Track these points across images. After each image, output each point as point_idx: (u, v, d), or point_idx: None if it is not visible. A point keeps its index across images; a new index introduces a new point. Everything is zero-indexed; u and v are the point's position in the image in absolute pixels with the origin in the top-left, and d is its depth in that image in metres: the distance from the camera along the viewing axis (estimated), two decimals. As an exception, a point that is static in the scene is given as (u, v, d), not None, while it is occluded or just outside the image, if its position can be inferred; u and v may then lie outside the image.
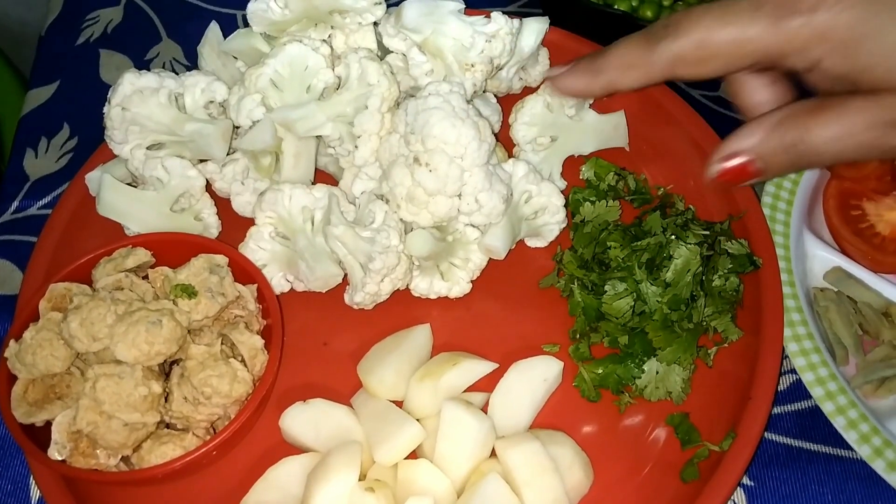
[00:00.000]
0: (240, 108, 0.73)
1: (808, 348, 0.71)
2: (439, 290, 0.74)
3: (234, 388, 0.65)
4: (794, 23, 0.52)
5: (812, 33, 0.52)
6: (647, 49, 0.58)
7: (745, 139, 0.57)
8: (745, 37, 0.54)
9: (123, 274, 0.70)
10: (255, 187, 0.77)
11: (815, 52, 0.52)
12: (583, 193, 0.78)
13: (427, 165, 0.67)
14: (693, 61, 0.56)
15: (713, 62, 0.56)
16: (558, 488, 0.63)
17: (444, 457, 0.65)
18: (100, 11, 1.06)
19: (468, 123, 0.68)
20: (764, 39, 0.53)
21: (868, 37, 0.50)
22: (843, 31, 0.51)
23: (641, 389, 0.69)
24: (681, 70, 0.58)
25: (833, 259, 0.77)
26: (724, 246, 0.72)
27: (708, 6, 0.56)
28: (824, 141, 0.53)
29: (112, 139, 0.76)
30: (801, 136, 0.54)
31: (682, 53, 0.56)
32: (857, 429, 0.67)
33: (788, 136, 0.55)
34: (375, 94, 0.71)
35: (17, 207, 0.90)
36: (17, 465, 0.74)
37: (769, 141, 0.55)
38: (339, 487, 0.62)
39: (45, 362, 0.65)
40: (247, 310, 0.72)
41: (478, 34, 0.73)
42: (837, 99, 0.53)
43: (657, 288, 0.69)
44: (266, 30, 0.77)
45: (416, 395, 0.68)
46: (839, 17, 0.51)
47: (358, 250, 0.70)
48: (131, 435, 0.64)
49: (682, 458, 0.68)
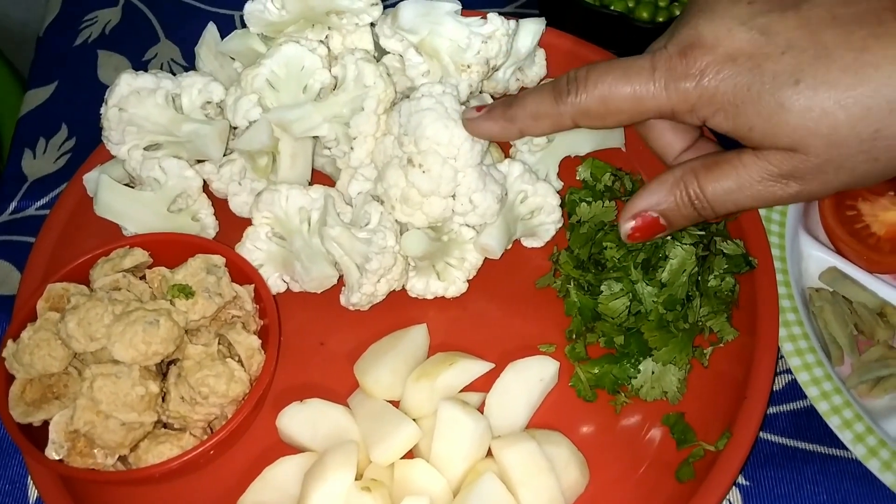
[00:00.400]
0: (236, 109, 0.73)
1: (804, 348, 0.71)
2: (436, 290, 0.75)
3: (231, 388, 0.66)
4: (684, 85, 0.57)
5: (700, 96, 0.56)
6: (555, 102, 0.62)
7: (647, 198, 0.62)
8: (643, 95, 0.58)
9: (121, 274, 0.70)
10: (252, 188, 0.77)
11: (703, 112, 0.57)
12: (579, 194, 0.79)
13: (420, 167, 0.68)
14: (597, 115, 0.61)
15: (615, 116, 0.61)
16: (554, 488, 0.63)
17: (441, 456, 0.65)
18: (98, 12, 1.06)
19: (461, 124, 0.68)
20: (658, 99, 0.58)
21: (747, 102, 0.55)
22: (727, 96, 0.55)
23: (637, 389, 0.69)
24: (586, 122, 0.62)
25: (828, 259, 0.77)
26: (720, 246, 0.72)
27: (609, 64, 0.60)
28: (720, 195, 0.59)
29: (109, 140, 0.76)
30: (697, 192, 0.59)
31: (586, 108, 0.61)
32: (851, 428, 0.67)
33: (687, 193, 0.60)
34: (372, 95, 0.71)
35: (16, 208, 0.90)
36: (14, 465, 0.74)
37: (670, 199, 0.61)
38: (336, 487, 0.62)
39: (42, 362, 0.65)
40: (244, 310, 0.72)
41: (474, 35, 0.73)
42: (729, 155, 0.58)
43: (653, 288, 0.69)
44: (263, 31, 0.78)
45: (412, 394, 0.68)
46: (722, 83, 0.55)
47: (354, 251, 0.71)
48: (128, 434, 0.64)
49: (678, 458, 0.68)
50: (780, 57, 0.54)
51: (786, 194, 0.57)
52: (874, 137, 0.52)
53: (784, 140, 0.54)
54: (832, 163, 0.54)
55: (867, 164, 0.54)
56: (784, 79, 0.53)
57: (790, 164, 0.55)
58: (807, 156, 0.54)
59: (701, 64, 0.56)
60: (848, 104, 0.52)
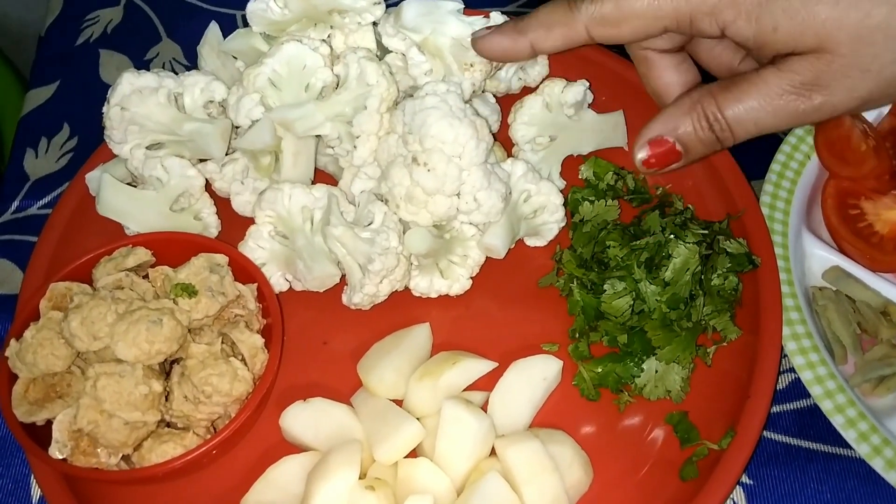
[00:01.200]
0: (239, 108, 0.73)
1: (807, 347, 0.71)
2: (440, 288, 0.75)
3: (235, 387, 0.66)
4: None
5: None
6: (569, 10, 0.61)
7: (663, 124, 0.59)
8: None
9: (124, 273, 0.70)
10: (255, 187, 0.77)
11: (724, 14, 0.55)
12: (582, 193, 0.79)
13: (425, 165, 0.68)
14: (612, 22, 0.59)
15: (631, 23, 0.58)
16: (558, 487, 0.63)
17: (444, 455, 0.65)
18: (100, 12, 1.06)
19: (465, 122, 0.68)
20: (676, 2, 0.56)
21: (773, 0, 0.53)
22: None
23: (641, 388, 0.69)
24: (600, 30, 0.60)
25: (831, 258, 0.77)
26: (723, 245, 0.72)
27: None
28: (741, 114, 0.56)
29: (111, 139, 0.76)
30: (716, 114, 0.57)
31: (602, 14, 0.59)
32: (855, 427, 0.67)
33: (705, 116, 0.57)
34: (374, 94, 0.71)
35: (18, 207, 0.90)
36: (18, 464, 0.74)
37: (687, 122, 0.58)
38: (340, 486, 0.62)
39: (45, 361, 0.65)
40: (247, 309, 0.72)
41: (477, 34, 0.73)
42: (748, 74, 0.56)
43: (656, 287, 0.69)
44: (265, 29, 0.78)
45: (415, 393, 0.68)
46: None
47: (357, 251, 0.71)
48: (132, 434, 0.64)
49: (682, 457, 0.68)
50: None
51: (809, 107, 0.55)
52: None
53: (810, 38, 0.52)
54: (858, 64, 0.52)
55: (894, 67, 0.52)
56: None
57: (815, 69, 0.53)
58: (833, 55, 0.52)
59: None
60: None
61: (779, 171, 0.80)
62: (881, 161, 0.79)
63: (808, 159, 0.81)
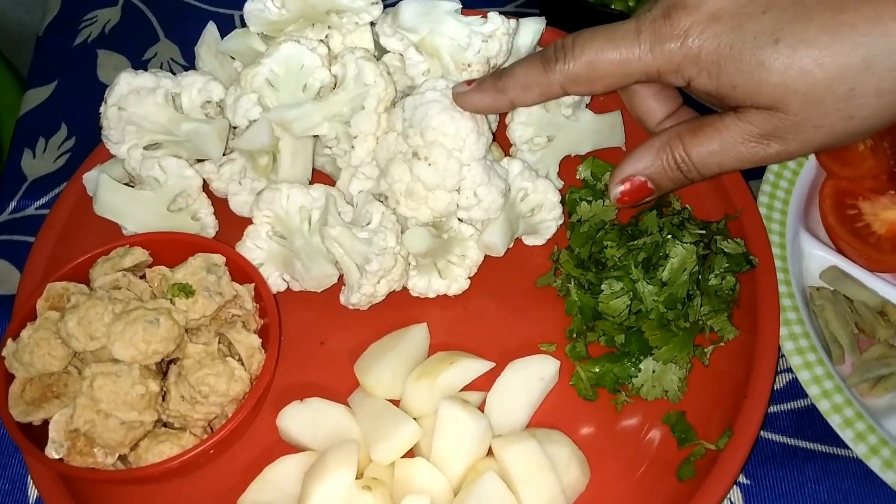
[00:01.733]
0: (236, 108, 0.73)
1: (804, 347, 0.71)
2: (438, 288, 0.75)
3: (232, 387, 0.66)
4: (668, 46, 0.59)
5: (685, 56, 0.58)
6: (544, 71, 0.64)
7: (635, 163, 0.64)
8: (629, 59, 0.60)
9: (121, 273, 0.70)
10: (253, 187, 0.77)
11: (688, 72, 0.59)
12: (579, 193, 0.78)
13: (426, 159, 0.68)
14: (585, 80, 0.63)
15: (603, 80, 0.63)
16: (555, 487, 0.63)
17: (441, 455, 0.65)
18: (97, 12, 1.06)
19: (466, 116, 0.68)
20: (644, 61, 0.60)
21: (730, 61, 0.57)
22: (710, 55, 0.57)
23: (638, 388, 0.69)
24: (575, 88, 0.64)
25: (829, 258, 0.77)
26: (721, 245, 0.72)
27: (594, 30, 0.62)
28: (705, 156, 0.61)
29: (109, 139, 0.76)
30: (683, 156, 0.61)
31: (575, 74, 0.63)
32: (852, 427, 0.67)
33: (673, 157, 0.62)
34: (372, 94, 0.71)
35: (15, 207, 0.90)
36: (14, 464, 0.74)
37: (657, 163, 0.63)
38: (336, 486, 0.62)
39: (42, 361, 0.65)
40: (244, 309, 0.72)
41: (474, 34, 0.73)
42: (712, 118, 0.60)
43: (653, 287, 0.69)
44: (263, 30, 0.78)
45: (412, 393, 0.68)
46: (706, 42, 0.57)
47: (354, 251, 0.71)
48: (129, 433, 0.64)
49: (679, 457, 0.68)
50: (760, 16, 0.55)
51: (767, 154, 0.59)
52: (849, 96, 0.54)
53: (764, 98, 0.56)
54: (810, 121, 0.56)
55: (843, 122, 0.55)
56: (764, 38, 0.55)
57: (770, 124, 0.57)
58: (786, 114, 0.56)
59: (685, 24, 0.57)
60: (825, 63, 0.54)
61: (776, 171, 0.81)
62: (879, 161, 0.79)
63: (806, 159, 0.81)
